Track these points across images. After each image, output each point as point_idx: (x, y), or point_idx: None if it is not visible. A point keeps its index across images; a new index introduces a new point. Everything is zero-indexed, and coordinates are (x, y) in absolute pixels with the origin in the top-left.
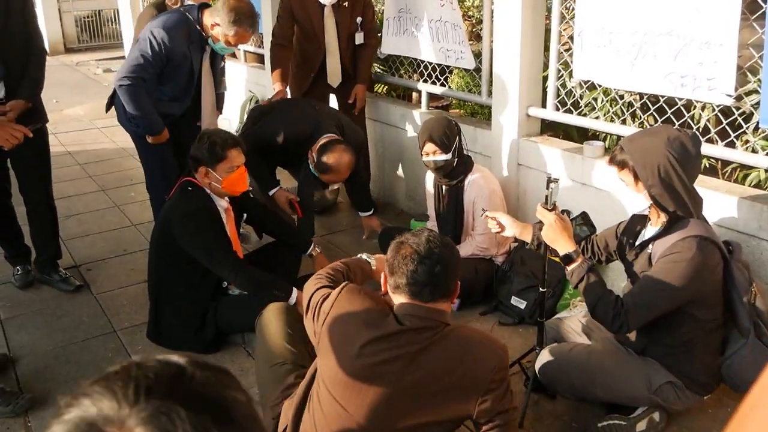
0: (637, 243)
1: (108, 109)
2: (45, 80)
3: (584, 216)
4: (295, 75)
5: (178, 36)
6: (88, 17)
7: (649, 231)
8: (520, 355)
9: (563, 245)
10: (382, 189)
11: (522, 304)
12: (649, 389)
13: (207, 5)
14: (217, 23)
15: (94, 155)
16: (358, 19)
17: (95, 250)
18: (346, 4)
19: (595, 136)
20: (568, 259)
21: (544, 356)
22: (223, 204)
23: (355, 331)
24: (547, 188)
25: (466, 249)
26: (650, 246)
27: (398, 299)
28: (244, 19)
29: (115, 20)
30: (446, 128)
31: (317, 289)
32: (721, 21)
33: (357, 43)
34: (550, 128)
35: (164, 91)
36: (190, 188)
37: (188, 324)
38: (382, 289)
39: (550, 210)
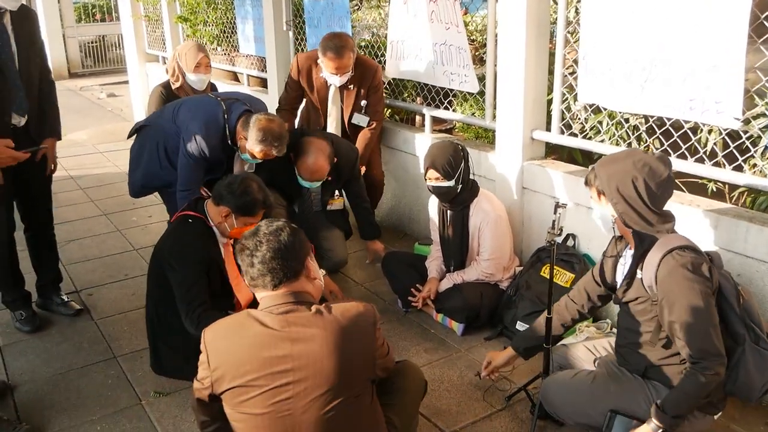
0: (620, 270)
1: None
2: None
3: None
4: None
5: (215, 141)
6: (92, 42)
7: (628, 255)
8: (527, 382)
9: None
10: (385, 213)
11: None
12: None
13: (248, 111)
14: (245, 137)
15: (96, 179)
16: (363, 102)
17: (96, 275)
18: (351, 86)
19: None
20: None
21: (548, 383)
22: (223, 240)
23: (245, 357)
24: (555, 213)
25: (470, 274)
26: (638, 272)
27: (258, 295)
28: (272, 140)
29: (119, 45)
30: (451, 155)
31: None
32: (728, 44)
33: (355, 122)
34: (553, 152)
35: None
36: (190, 220)
37: (181, 352)
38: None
39: (557, 234)
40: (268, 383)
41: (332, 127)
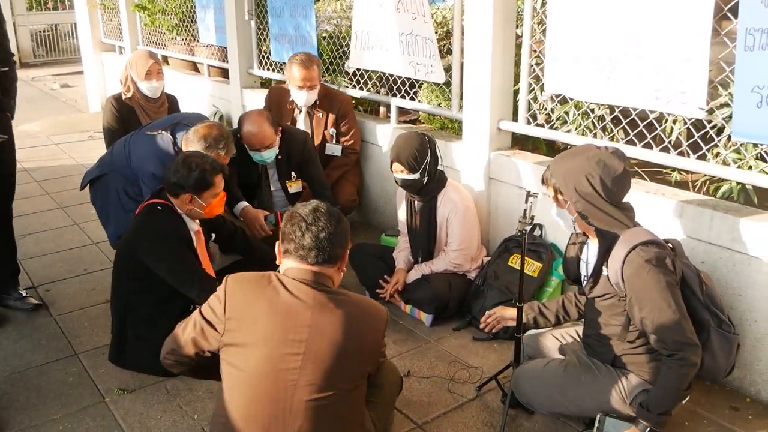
0: (585, 272)
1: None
2: None
3: None
4: None
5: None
6: (44, 31)
7: (591, 250)
8: (497, 371)
9: None
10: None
11: None
12: (626, 401)
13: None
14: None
15: (52, 172)
16: (332, 130)
17: (54, 270)
18: (320, 114)
19: (566, 149)
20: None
21: (519, 373)
22: (194, 227)
23: (260, 315)
24: (526, 202)
25: (439, 265)
26: (604, 269)
27: (287, 263)
28: (214, 144)
29: (72, 35)
30: (416, 148)
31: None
32: (693, 36)
33: (329, 153)
34: (517, 142)
35: None
36: (159, 207)
37: (153, 347)
38: (277, 260)
39: (529, 224)
40: (279, 348)
41: None
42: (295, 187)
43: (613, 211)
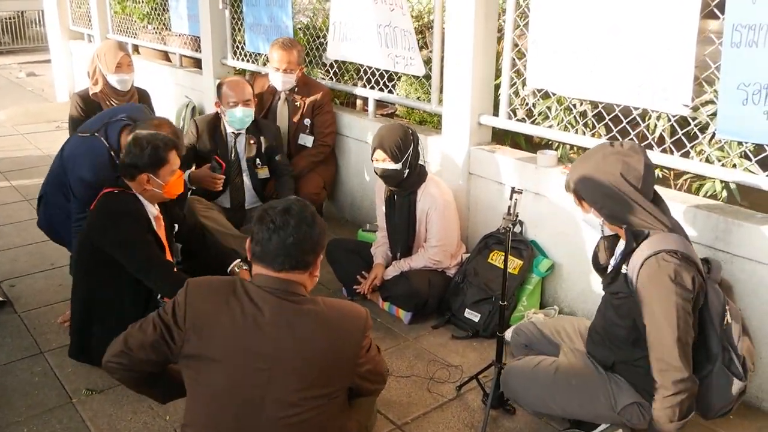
0: (611, 265)
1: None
2: None
3: None
4: None
5: (107, 174)
6: (9, 18)
7: (620, 247)
8: (478, 371)
9: None
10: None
11: (476, 317)
12: (614, 409)
13: (127, 123)
14: None
15: (17, 163)
16: (307, 121)
17: (18, 265)
18: (298, 103)
19: (547, 145)
20: None
21: (509, 370)
22: (153, 211)
23: (221, 320)
24: (511, 199)
25: (418, 261)
26: (623, 267)
27: (254, 268)
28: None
29: (39, 22)
30: (400, 137)
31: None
32: (678, 32)
33: (301, 143)
34: (496, 138)
35: None
36: (116, 191)
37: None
38: (248, 256)
39: (513, 220)
40: (242, 363)
41: None
42: (262, 173)
43: (642, 210)
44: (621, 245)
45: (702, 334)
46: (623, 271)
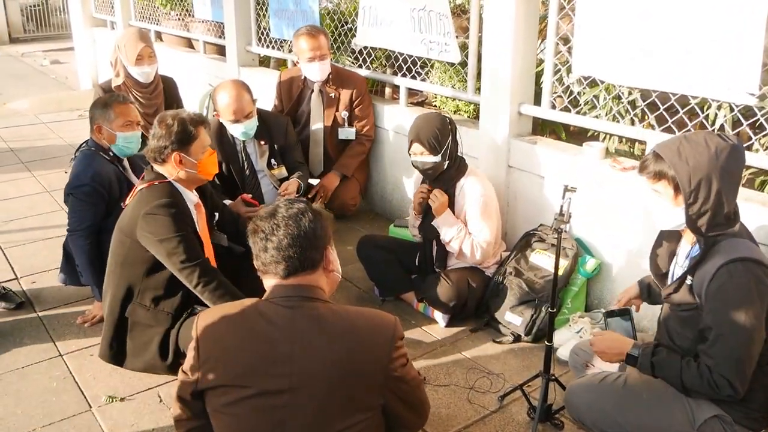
0: (672, 271)
1: None
2: None
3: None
4: None
5: (105, 175)
6: (34, 6)
7: (683, 249)
8: (523, 381)
9: (619, 350)
10: None
11: (517, 321)
12: (692, 425)
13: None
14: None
15: (40, 153)
16: (344, 113)
17: (39, 260)
18: (333, 94)
19: (593, 137)
20: (632, 359)
21: (572, 387)
22: (192, 198)
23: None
24: (563, 197)
25: (467, 243)
26: (689, 277)
27: (265, 284)
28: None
29: (63, 10)
30: (437, 128)
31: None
32: (745, 14)
33: (342, 137)
34: (534, 128)
35: None
36: (156, 183)
37: (150, 345)
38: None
39: (566, 221)
40: (262, 386)
41: (314, 143)
42: (278, 173)
43: (733, 210)
44: (685, 248)
45: None
46: (687, 282)
